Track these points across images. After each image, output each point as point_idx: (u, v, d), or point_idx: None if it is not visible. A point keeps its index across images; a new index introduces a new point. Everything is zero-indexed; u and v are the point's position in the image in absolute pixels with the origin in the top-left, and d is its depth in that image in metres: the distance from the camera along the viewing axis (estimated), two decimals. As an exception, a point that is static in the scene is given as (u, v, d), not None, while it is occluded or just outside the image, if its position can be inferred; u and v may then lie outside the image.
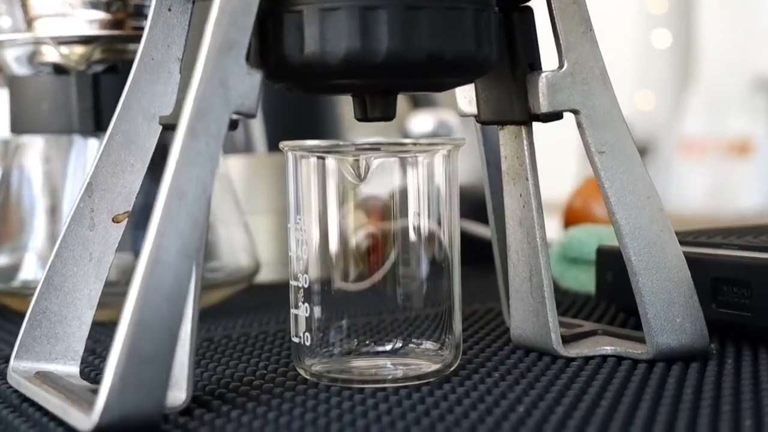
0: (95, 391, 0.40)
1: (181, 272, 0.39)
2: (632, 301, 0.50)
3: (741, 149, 3.04)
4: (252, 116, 0.42)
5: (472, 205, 0.80)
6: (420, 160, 0.47)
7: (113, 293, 0.51)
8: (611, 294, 0.60)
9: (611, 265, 0.59)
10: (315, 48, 0.44)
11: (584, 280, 0.71)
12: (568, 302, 0.68)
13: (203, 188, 0.40)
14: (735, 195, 2.91)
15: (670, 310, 0.49)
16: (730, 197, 2.91)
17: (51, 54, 0.65)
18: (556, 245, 0.75)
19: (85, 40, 0.65)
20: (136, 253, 0.55)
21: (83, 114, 0.65)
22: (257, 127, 0.92)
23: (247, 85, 0.42)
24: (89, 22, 0.65)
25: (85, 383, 0.46)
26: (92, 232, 0.47)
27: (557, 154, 2.24)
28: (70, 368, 0.47)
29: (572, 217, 0.90)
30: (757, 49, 2.98)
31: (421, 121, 1.04)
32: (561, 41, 0.49)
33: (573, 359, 0.51)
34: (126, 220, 0.48)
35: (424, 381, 0.47)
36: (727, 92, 3.01)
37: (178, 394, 0.43)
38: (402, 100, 1.12)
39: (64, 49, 0.65)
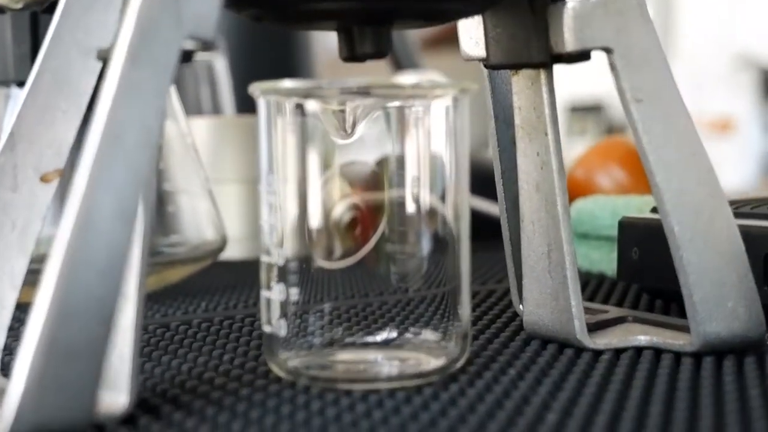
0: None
1: (117, 239, 0.31)
2: (662, 281, 0.41)
3: (723, 127, 2.99)
4: (210, 44, 0.34)
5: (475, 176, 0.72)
6: (419, 110, 0.39)
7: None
8: (636, 273, 0.52)
9: (637, 239, 0.51)
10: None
11: (597, 259, 0.62)
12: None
13: (147, 132, 0.32)
14: (717, 173, 2.85)
15: (720, 291, 0.41)
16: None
17: (-17, -8, 0.56)
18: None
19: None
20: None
21: (20, 60, 0.56)
22: (225, 86, 0.83)
23: (204, 2, 0.33)
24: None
25: (5, 381, 0.37)
26: (15, 195, 0.38)
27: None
28: (-12, 362, 0.38)
29: (574, 190, 0.82)
30: (738, 27, 2.93)
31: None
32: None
33: (601, 352, 0.42)
34: (57, 179, 0.38)
35: (426, 380, 0.38)
36: (708, 70, 2.96)
37: (117, 396, 0.34)
38: (383, 62, 1.04)
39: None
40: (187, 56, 0.35)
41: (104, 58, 0.37)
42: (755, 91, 2.96)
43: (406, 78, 0.94)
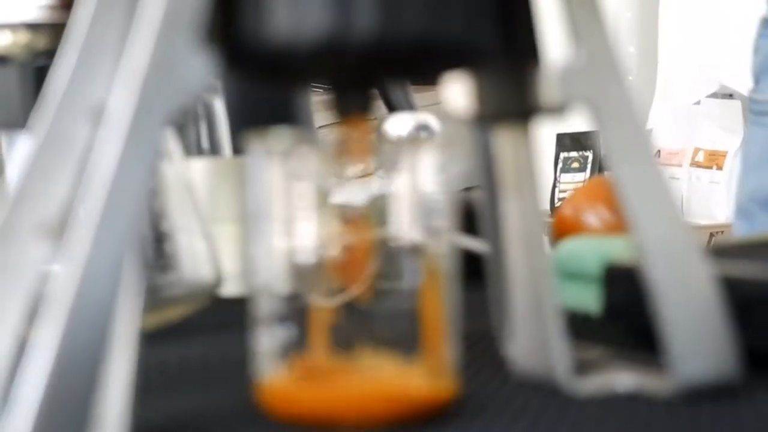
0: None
1: (110, 289, 0.34)
2: (645, 321, 0.43)
3: (712, 160, 3.01)
4: (198, 103, 0.36)
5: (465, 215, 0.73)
6: (407, 160, 0.41)
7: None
8: (621, 314, 0.54)
9: (622, 283, 0.53)
10: (281, 29, 0.37)
11: (583, 298, 0.64)
12: (566, 322, 0.61)
13: (141, 186, 0.35)
14: (708, 207, 2.87)
15: (697, 336, 0.43)
16: (703, 209, 2.87)
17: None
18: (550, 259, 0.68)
19: (30, 27, 0.59)
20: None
21: (26, 110, 0.58)
22: (222, 128, 0.85)
23: (196, 66, 0.36)
24: (35, 6, 0.59)
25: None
26: (17, 248, 0.40)
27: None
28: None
29: (563, 229, 0.84)
30: (722, 63, 2.95)
31: (398, 125, 0.98)
32: (576, 27, 0.43)
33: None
34: (58, 232, 0.40)
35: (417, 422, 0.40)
36: (696, 103, 2.98)
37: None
38: (377, 103, 1.06)
39: (6, 37, 0.58)
40: (180, 116, 0.37)
41: (100, 117, 0.39)
42: (745, 125, 2.99)
43: (394, 123, 0.96)
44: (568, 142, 2.83)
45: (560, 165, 2.82)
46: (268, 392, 0.40)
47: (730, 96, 2.92)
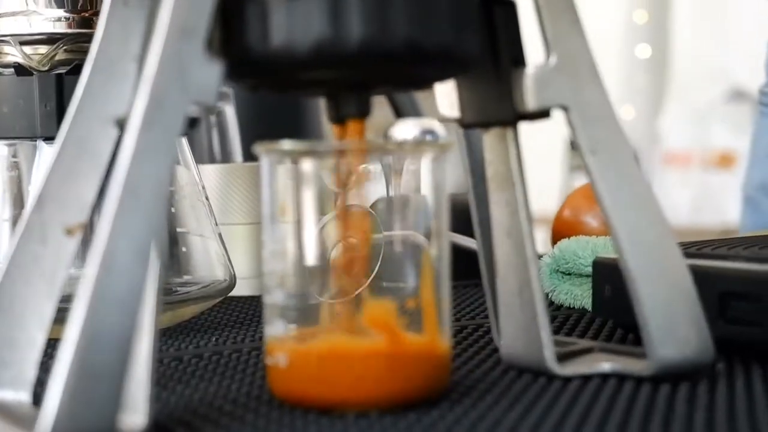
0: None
1: (135, 278, 0.36)
2: (632, 316, 0.46)
3: (724, 161, 3.02)
4: (212, 110, 0.39)
5: (458, 217, 0.76)
6: (405, 165, 0.44)
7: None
8: (609, 309, 0.56)
9: (609, 278, 0.56)
10: (282, 38, 0.41)
11: (578, 295, 0.67)
12: (561, 318, 0.64)
13: (159, 185, 0.37)
14: (720, 208, 2.88)
15: (672, 320, 0.46)
16: (715, 210, 2.89)
17: (13, 54, 0.62)
18: (548, 258, 0.71)
19: (49, 39, 0.62)
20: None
21: (46, 118, 0.61)
22: (233, 135, 0.89)
23: (207, 74, 0.39)
24: (53, 20, 0.62)
25: (35, 409, 0.42)
26: (43, 247, 0.43)
27: (543, 167, 2.21)
28: (21, 395, 0.43)
29: (562, 229, 0.86)
30: (731, 62, 2.96)
31: (404, 130, 1.01)
32: (547, 33, 0.46)
33: (570, 379, 0.47)
34: (80, 232, 0.44)
35: (411, 406, 0.43)
36: (708, 104, 2.99)
37: (135, 417, 0.39)
38: (385, 109, 1.09)
39: (27, 49, 0.61)
40: (193, 122, 0.40)
41: (121, 125, 0.43)
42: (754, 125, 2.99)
43: (400, 129, 0.99)
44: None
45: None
46: (278, 378, 0.43)
47: (742, 97, 2.93)
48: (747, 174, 1.30)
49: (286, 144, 0.43)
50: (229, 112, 0.91)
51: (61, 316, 0.45)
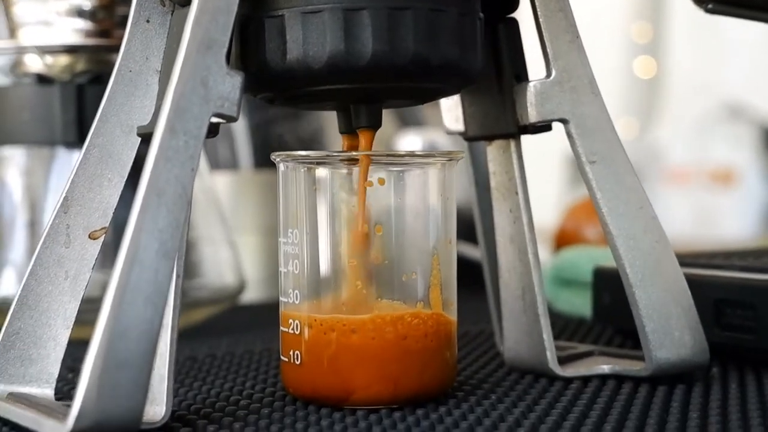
0: (70, 407, 0.38)
1: (160, 272, 0.38)
2: (630, 322, 0.48)
3: (724, 178, 3.04)
4: (233, 119, 0.41)
5: (463, 225, 0.79)
6: (414, 173, 0.46)
7: (95, 310, 0.49)
8: (608, 316, 0.59)
9: (608, 285, 0.58)
10: (298, 52, 0.43)
11: (578, 303, 0.69)
12: (561, 325, 0.66)
13: (183, 188, 0.39)
14: (720, 224, 2.90)
15: (668, 323, 0.48)
16: (715, 226, 2.90)
17: (34, 63, 0.64)
18: (549, 267, 0.73)
19: (70, 50, 0.64)
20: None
21: (66, 125, 0.63)
22: (243, 144, 0.91)
23: (228, 85, 0.41)
24: (74, 31, 0.64)
25: (60, 402, 0.44)
26: (68, 249, 0.45)
27: (543, 179, 2.23)
28: (45, 390, 0.45)
29: (564, 240, 0.89)
30: (728, 78, 2.97)
31: (409, 141, 1.03)
32: (548, 49, 0.48)
33: (571, 380, 0.49)
34: (103, 236, 0.46)
35: (420, 402, 0.45)
36: (706, 121, 3.01)
37: (156, 408, 0.41)
38: (389, 120, 1.11)
39: (48, 59, 0.63)
40: (214, 130, 0.42)
41: (143, 134, 0.45)
42: (755, 142, 3.01)
43: (408, 139, 1.01)
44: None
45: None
46: (291, 374, 0.45)
47: (741, 113, 2.94)
48: None
49: (300, 153, 0.45)
50: (239, 121, 0.92)
51: (83, 318, 0.47)
